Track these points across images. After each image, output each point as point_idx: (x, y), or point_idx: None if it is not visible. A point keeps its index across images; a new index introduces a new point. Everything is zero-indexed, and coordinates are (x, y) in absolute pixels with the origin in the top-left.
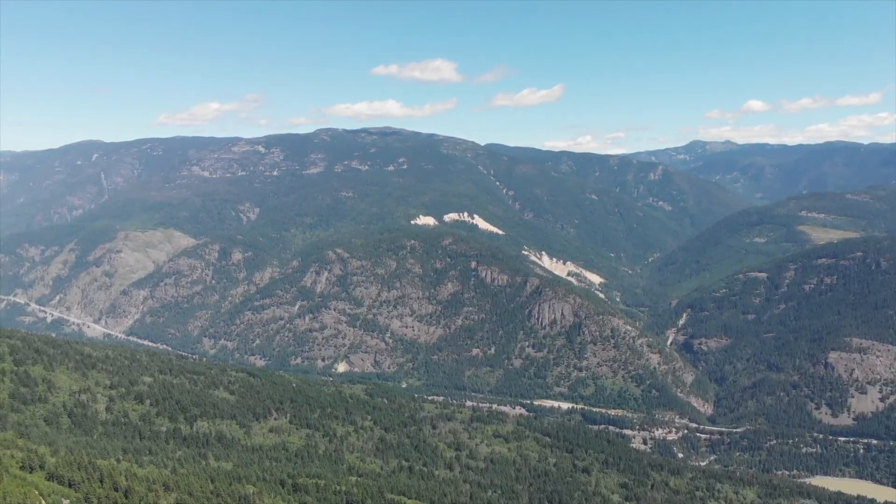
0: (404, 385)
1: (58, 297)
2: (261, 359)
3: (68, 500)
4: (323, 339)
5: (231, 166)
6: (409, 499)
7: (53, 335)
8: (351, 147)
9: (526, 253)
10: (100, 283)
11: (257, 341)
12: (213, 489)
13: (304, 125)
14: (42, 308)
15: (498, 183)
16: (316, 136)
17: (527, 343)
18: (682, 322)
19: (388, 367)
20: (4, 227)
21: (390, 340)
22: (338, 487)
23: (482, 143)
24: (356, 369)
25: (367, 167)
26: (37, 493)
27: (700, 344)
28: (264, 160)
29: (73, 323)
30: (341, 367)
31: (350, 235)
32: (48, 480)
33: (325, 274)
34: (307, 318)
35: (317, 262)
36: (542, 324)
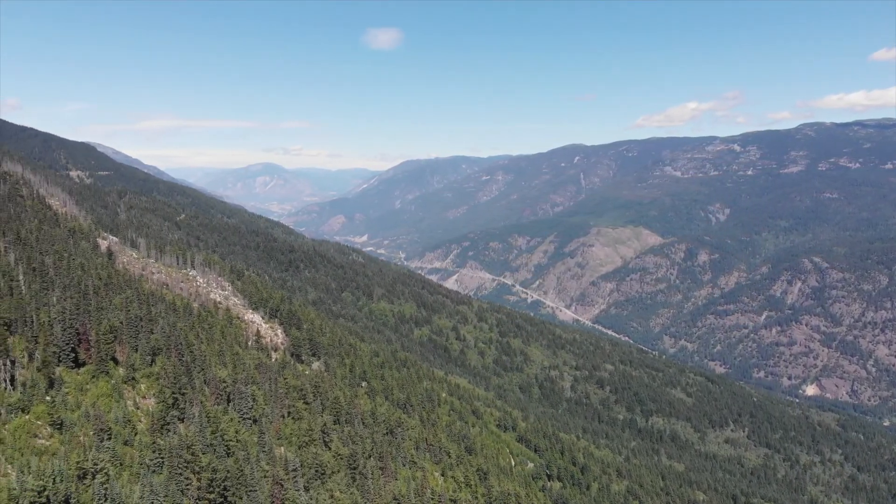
0: (886, 423)
1: (537, 282)
2: (720, 365)
3: (532, 464)
4: (791, 355)
5: (703, 166)
6: None
7: (531, 314)
8: (839, 142)
9: None
10: (572, 273)
11: (718, 347)
12: (662, 486)
13: (785, 120)
14: (524, 290)
15: None
16: (798, 132)
17: None
18: None
19: (868, 400)
20: (500, 218)
21: (873, 369)
22: None
23: None
24: (828, 395)
25: (857, 165)
26: (507, 451)
27: None
28: (738, 159)
29: (548, 306)
30: (810, 390)
31: (831, 243)
32: (517, 442)
33: (798, 284)
34: (774, 330)
35: (789, 269)
36: None
